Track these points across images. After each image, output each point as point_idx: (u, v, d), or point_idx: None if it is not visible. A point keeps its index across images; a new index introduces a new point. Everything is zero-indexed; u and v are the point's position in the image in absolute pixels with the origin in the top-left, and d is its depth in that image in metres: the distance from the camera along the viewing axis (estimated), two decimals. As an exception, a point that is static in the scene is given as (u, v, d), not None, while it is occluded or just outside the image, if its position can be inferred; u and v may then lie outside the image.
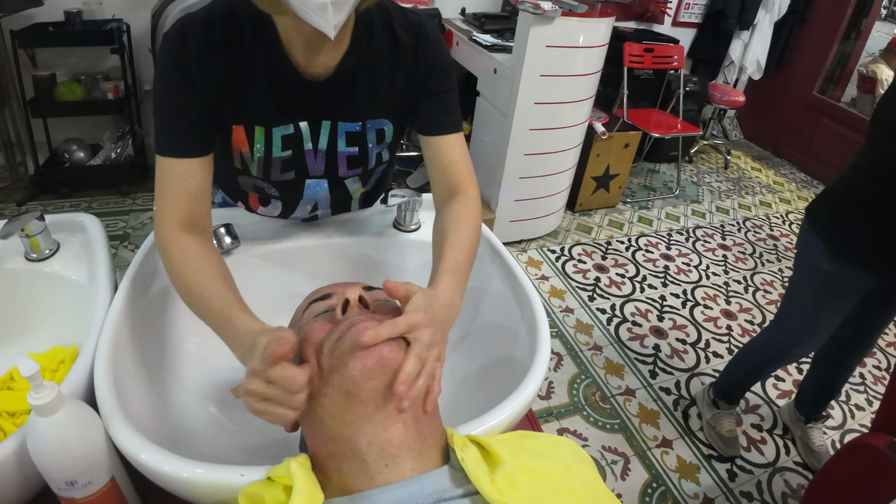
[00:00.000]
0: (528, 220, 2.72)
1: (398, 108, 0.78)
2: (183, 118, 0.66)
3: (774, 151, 4.47)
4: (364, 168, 0.83)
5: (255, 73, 0.68)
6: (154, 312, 0.75)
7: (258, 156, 0.75)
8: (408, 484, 0.45)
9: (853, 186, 1.33)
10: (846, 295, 1.41)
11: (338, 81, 0.71)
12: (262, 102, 0.70)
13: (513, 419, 0.62)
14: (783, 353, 1.61)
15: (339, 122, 0.76)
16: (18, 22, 2.32)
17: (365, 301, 0.57)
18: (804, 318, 1.51)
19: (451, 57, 0.80)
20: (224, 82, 0.67)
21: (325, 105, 0.74)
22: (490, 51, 2.52)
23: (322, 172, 0.81)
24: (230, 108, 0.70)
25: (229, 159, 0.77)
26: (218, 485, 0.50)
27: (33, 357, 0.75)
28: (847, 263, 1.35)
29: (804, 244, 1.46)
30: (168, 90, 0.66)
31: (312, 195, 0.85)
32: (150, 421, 0.61)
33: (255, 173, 0.78)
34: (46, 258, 0.82)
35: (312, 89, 0.70)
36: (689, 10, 3.89)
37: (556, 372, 2.01)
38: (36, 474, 0.52)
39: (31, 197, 2.56)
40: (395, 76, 0.75)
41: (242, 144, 0.74)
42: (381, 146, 0.81)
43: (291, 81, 0.69)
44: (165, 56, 0.65)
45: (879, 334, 1.57)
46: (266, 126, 0.72)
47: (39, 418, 0.49)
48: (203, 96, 0.66)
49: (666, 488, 1.64)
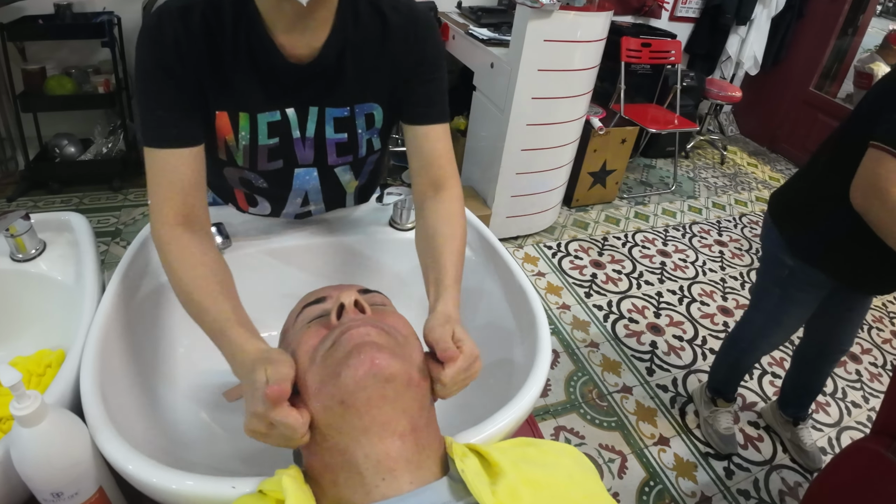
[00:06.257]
0: (525, 216, 2.71)
1: (388, 91, 0.76)
2: (165, 108, 0.65)
3: (771, 147, 4.47)
4: (354, 156, 0.81)
5: (237, 57, 0.67)
6: (143, 314, 0.74)
7: (243, 143, 0.73)
8: (406, 498, 0.43)
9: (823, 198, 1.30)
10: (812, 288, 1.41)
11: (324, 65, 0.69)
12: (245, 87, 0.69)
13: (513, 425, 0.60)
14: (756, 344, 1.62)
15: (327, 107, 0.74)
16: (8, 14, 2.28)
17: (361, 305, 0.55)
18: (772, 310, 1.51)
19: (443, 43, 0.78)
20: (205, 69, 0.66)
21: (311, 91, 0.72)
22: (487, 45, 2.50)
23: (311, 161, 0.79)
24: (213, 95, 0.68)
25: (213, 150, 0.75)
26: (208, 497, 0.48)
27: (19, 361, 0.73)
28: (811, 266, 1.35)
29: (768, 238, 1.46)
30: (148, 81, 0.65)
31: (302, 185, 0.83)
32: (139, 428, 0.60)
33: (241, 163, 0.76)
34: (32, 258, 0.80)
35: (297, 72, 0.69)
36: (687, 4, 3.88)
37: (553, 369, 2.00)
38: (21, 484, 0.50)
39: (22, 193, 2.53)
40: (383, 58, 0.73)
41: (227, 132, 0.72)
42: (371, 132, 0.79)
43: (275, 64, 0.67)
44: (143, 47, 0.64)
45: (857, 329, 1.57)
46: (251, 112, 0.71)
47: (23, 429, 0.47)
48: (183, 86, 0.65)
49: (663, 486, 1.63)
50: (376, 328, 0.51)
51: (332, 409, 0.46)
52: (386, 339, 0.50)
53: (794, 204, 1.38)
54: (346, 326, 0.51)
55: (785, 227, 1.39)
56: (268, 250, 0.87)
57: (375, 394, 0.46)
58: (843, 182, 1.18)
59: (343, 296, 0.55)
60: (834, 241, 1.28)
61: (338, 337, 0.50)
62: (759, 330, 1.58)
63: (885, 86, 1.15)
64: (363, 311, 0.54)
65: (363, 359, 0.46)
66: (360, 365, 0.46)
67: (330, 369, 0.47)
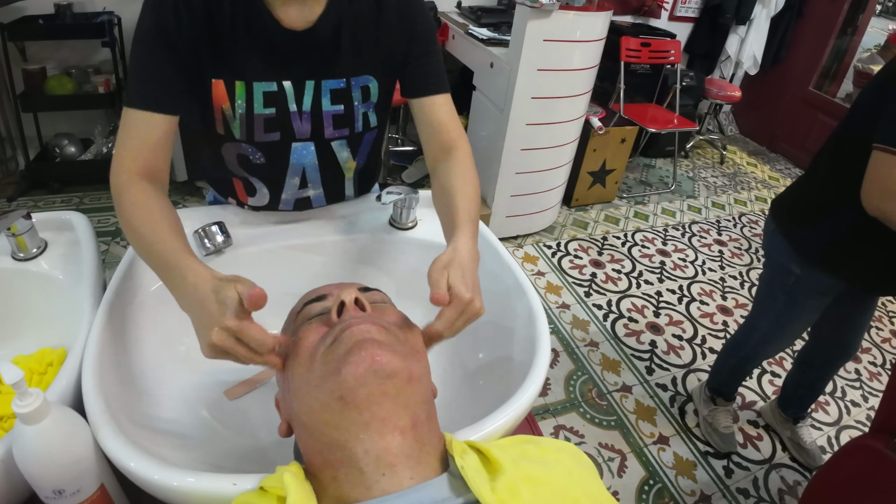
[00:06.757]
0: (525, 216, 2.71)
1: (382, 64, 0.80)
2: (157, 75, 0.68)
3: (770, 147, 4.47)
4: (351, 130, 0.84)
5: (234, 26, 0.70)
6: (144, 313, 0.74)
7: (240, 112, 0.76)
8: (406, 494, 0.43)
9: (826, 198, 1.29)
10: (818, 295, 1.41)
11: (320, 37, 0.73)
12: (242, 56, 0.72)
13: (513, 423, 0.61)
14: (761, 349, 1.61)
15: (323, 80, 0.77)
16: (8, 14, 2.29)
17: (361, 303, 0.55)
18: (777, 316, 1.51)
19: (432, 18, 0.83)
20: (203, 36, 0.69)
21: (308, 64, 0.76)
22: (486, 45, 2.50)
23: (308, 135, 0.82)
24: (209, 63, 0.71)
25: (211, 123, 0.78)
26: (210, 494, 0.48)
27: (21, 359, 0.73)
28: (819, 270, 1.34)
29: (772, 246, 1.45)
30: (145, 49, 0.68)
31: (299, 160, 0.84)
32: (140, 426, 0.60)
33: (238, 135, 0.78)
34: (34, 257, 0.80)
35: (294, 43, 0.72)
36: (686, 4, 3.88)
37: (553, 368, 2.00)
38: (23, 482, 0.50)
39: (22, 192, 2.53)
40: (377, 33, 0.77)
41: (223, 100, 0.74)
42: (366, 105, 0.82)
43: (272, 35, 0.71)
44: (145, 15, 0.67)
45: (864, 331, 1.56)
46: (247, 80, 0.74)
47: (25, 426, 0.47)
48: (180, 55, 0.68)
49: (663, 485, 1.64)
50: (377, 325, 0.51)
51: (330, 406, 0.46)
52: (386, 336, 0.50)
53: (798, 206, 1.37)
54: (347, 324, 0.51)
55: (790, 230, 1.37)
56: (268, 250, 0.87)
57: (376, 390, 0.46)
58: (845, 182, 1.18)
59: (344, 294, 0.55)
60: (838, 242, 1.27)
61: (338, 334, 0.50)
62: (763, 336, 1.57)
63: (881, 83, 1.14)
64: (363, 309, 0.55)
65: (363, 356, 0.47)
66: (361, 362, 0.46)
67: (330, 366, 0.48)
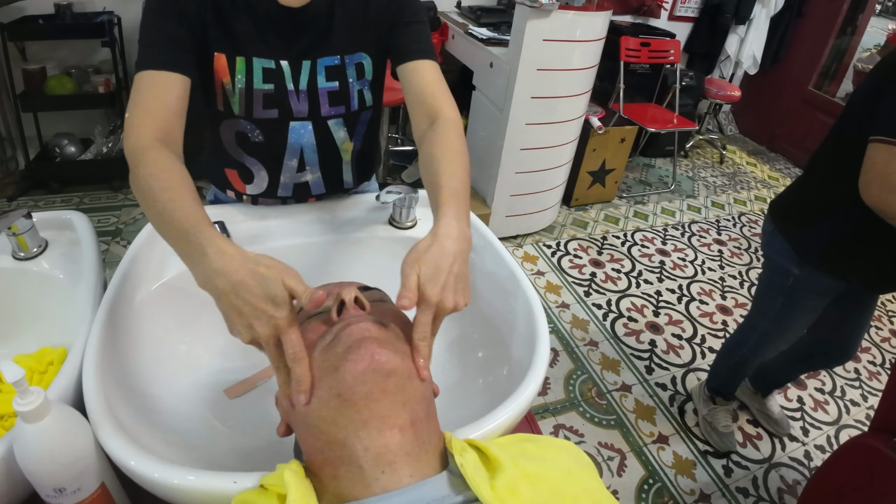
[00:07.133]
0: (524, 216, 2.71)
1: (375, 42, 0.84)
2: (167, 39, 0.70)
3: (769, 146, 4.48)
4: (347, 108, 0.86)
5: (234, 2, 0.74)
6: (145, 312, 0.74)
7: (239, 87, 0.79)
8: (406, 491, 0.43)
9: (825, 198, 1.29)
10: (818, 296, 1.41)
11: (314, 14, 0.77)
12: (242, 32, 0.76)
13: (512, 421, 0.61)
14: (760, 349, 1.62)
15: (319, 58, 0.81)
16: (8, 14, 2.29)
17: (361, 302, 0.55)
18: (776, 317, 1.51)
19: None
20: (208, 9, 0.73)
21: (304, 43, 0.79)
22: (486, 44, 2.50)
23: (306, 113, 0.84)
24: (213, 35, 0.75)
25: (212, 101, 0.81)
26: (210, 492, 0.49)
27: (21, 358, 0.73)
28: (819, 270, 1.34)
29: (770, 247, 1.44)
30: (157, 15, 0.70)
31: (297, 140, 0.86)
32: (141, 425, 0.60)
33: (237, 111, 0.81)
34: (34, 257, 0.80)
35: (290, 19, 0.76)
36: (686, 4, 3.89)
37: (552, 368, 2.01)
38: (24, 480, 0.51)
39: (22, 192, 2.53)
40: (369, 10, 0.81)
41: (224, 74, 0.78)
42: (361, 83, 0.86)
43: (269, 8, 0.75)
44: None
45: (864, 332, 1.55)
46: (247, 56, 0.77)
47: (26, 425, 0.48)
48: (186, 22, 0.71)
49: (662, 484, 1.64)
50: (376, 324, 0.51)
51: (328, 403, 0.46)
52: (386, 335, 0.51)
53: (797, 207, 1.37)
54: (346, 322, 0.51)
55: (789, 231, 1.37)
56: (268, 249, 0.88)
57: (376, 388, 0.46)
58: (844, 182, 1.18)
59: (343, 292, 0.55)
60: (838, 242, 1.27)
61: (338, 332, 0.50)
62: (762, 336, 1.57)
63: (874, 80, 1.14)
64: (363, 308, 0.55)
65: (363, 354, 0.47)
66: (360, 360, 0.46)
67: (329, 364, 0.48)
